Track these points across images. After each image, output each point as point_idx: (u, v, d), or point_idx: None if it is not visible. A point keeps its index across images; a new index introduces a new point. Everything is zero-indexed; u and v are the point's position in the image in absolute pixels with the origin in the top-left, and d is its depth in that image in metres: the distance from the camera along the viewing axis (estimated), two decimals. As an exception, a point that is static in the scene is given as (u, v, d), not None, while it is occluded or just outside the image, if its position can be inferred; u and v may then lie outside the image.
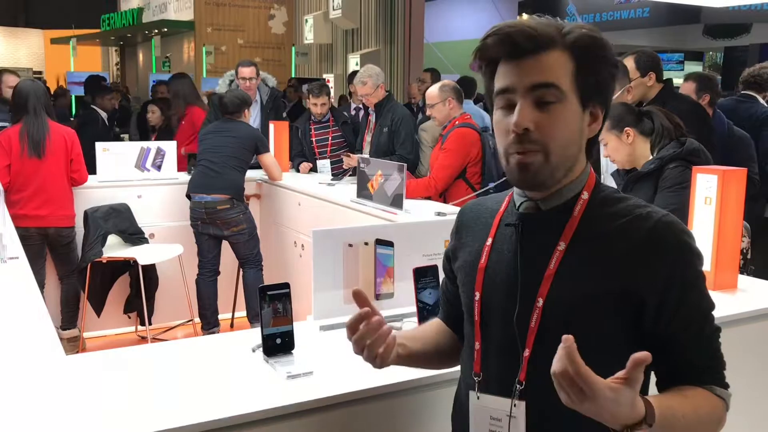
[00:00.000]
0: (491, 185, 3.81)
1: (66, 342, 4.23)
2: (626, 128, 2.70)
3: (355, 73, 6.23)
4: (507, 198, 1.30)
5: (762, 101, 4.53)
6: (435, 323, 1.46)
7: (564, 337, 0.96)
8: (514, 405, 1.18)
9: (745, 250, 2.66)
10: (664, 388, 1.18)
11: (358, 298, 1.19)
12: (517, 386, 1.18)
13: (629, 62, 3.40)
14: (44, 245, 4.17)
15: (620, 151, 2.74)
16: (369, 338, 1.17)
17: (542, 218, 1.20)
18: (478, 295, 1.24)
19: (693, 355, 1.16)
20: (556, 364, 0.96)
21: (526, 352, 1.17)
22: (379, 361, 1.20)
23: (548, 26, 1.15)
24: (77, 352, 4.13)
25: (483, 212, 1.33)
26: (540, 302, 1.16)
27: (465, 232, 1.34)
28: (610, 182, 3.12)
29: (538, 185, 1.17)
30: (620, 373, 0.97)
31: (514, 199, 1.27)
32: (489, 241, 1.26)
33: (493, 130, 1.24)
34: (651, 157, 2.69)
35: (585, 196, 1.19)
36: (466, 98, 4.81)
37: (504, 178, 3.60)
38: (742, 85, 4.58)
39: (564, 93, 1.13)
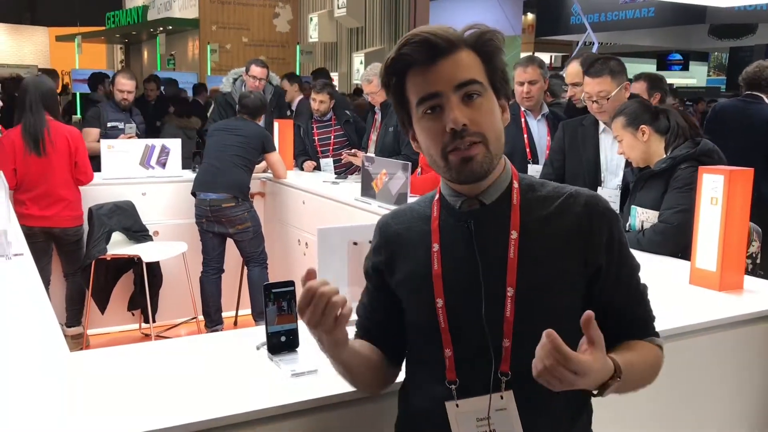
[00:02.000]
0: None
1: (70, 339, 4.23)
2: (642, 126, 2.69)
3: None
4: (435, 202, 1.31)
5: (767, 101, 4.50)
6: (357, 342, 1.37)
7: (546, 332, 1.03)
8: (501, 397, 1.19)
9: (754, 255, 2.63)
10: (610, 345, 1.24)
11: (310, 276, 1.16)
12: (503, 378, 1.19)
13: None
14: (49, 243, 4.17)
15: (635, 149, 2.72)
16: (325, 300, 1.13)
17: (489, 212, 1.24)
18: (441, 301, 1.23)
19: (633, 311, 1.28)
20: (547, 360, 1.03)
21: (507, 343, 1.19)
22: (337, 329, 1.16)
23: (449, 29, 1.20)
24: (81, 349, 4.14)
25: (412, 221, 1.33)
26: (510, 291, 1.19)
27: (396, 244, 1.33)
28: (610, 180, 3.12)
29: (482, 175, 1.21)
30: (584, 340, 1.06)
31: (448, 202, 1.28)
32: (436, 246, 1.26)
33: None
34: (664, 156, 2.68)
35: (516, 185, 1.26)
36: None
37: None
38: (746, 86, 4.53)
39: (484, 87, 1.20)
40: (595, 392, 1.13)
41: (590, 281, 1.24)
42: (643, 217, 2.69)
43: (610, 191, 3.10)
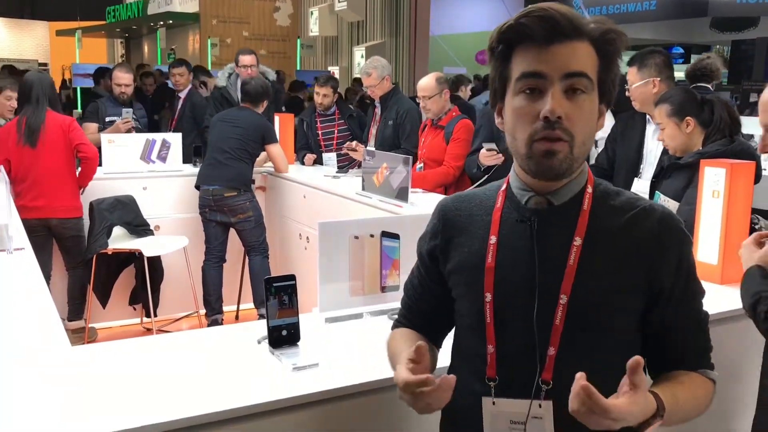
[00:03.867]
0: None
1: (71, 333, 4.24)
2: (687, 117, 2.65)
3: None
4: (500, 193, 1.25)
5: (712, 89, 4.73)
6: (408, 334, 1.35)
7: (577, 376, 1.00)
8: (539, 405, 1.15)
9: None
10: (659, 372, 1.23)
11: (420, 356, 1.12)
12: (543, 386, 1.15)
13: None
14: (49, 237, 4.17)
15: (676, 139, 2.70)
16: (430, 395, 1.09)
17: (555, 213, 1.18)
18: (489, 296, 1.18)
19: (691, 340, 1.23)
20: (578, 405, 1.00)
21: (552, 351, 1.15)
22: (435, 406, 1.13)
23: (576, 13, 1.13)
24: (83, 343, 4.15)
25: (473, 209, 1.27)
26: (564, 299, 1.14)
27: (455, 230, 1.27)
28: (647, 171, 3.13)
29: (559, 175, 1.15)
30: (625, 382, 1.02)
31: (514, 194, 1.22)
32: (493, 239, 1.20)
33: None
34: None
35: (590, 190, 1.20)
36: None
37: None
38: (690, 80, 4.76)
39: (592, 85, 1.13)
40: (634, 427, 1.08)
41: (650, 302, 1.18)
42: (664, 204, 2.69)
43: (645, 183, 3.11)
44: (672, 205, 2.66)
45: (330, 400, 1.47)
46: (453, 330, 1.35)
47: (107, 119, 5.06)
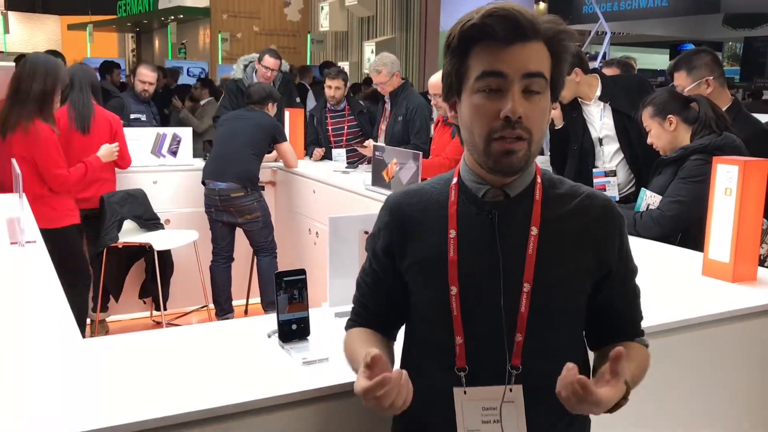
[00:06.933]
0: None
1: (107, 324, 4.32)
2: (669, 116, 2.71)
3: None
4: (452, 186, 1.28)
5: None
6: (364, 335, 1.36)
7: (567, 366, 1.07)
8: (510, 390, 1.20)
9: (763, 257, 2.60)
10: (598, 344, 1.33)
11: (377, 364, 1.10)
12: (513, 371, 1.20)
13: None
14: (82, 228, 4.20)
15: (662, 138, 2.75)
16: (394, 393, 1.09)
17: (512, 205, 1.23)
18: (455, 289, 1.22)
19: (630, 313, 1.33)
20: (564, 390, 1.06)
21: (519, 337, 1.20)
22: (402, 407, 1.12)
23: (535, 15, 1.17)
24: (92, 335, 4.17)
25: (427, 204, 1.29)
26: (527, 287, 1.19)
27: (410, 225, 1.29)
28: (608, 146, 3.17)
29: (518, 171, 1.21)
30: (607, 369, 1.09)
31: (468, 188, 1.25)
32: (452, 233, 1.23)
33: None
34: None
35: (539, 180, 1.26)
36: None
37: None
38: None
39: (547, 84, 1.18)
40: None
41: (598, 283, 1.26)
42: (650, 200, 2.72)
43: (608, 169, 3.12)
44: (657, 200, 2.69)
45: (340, 394, 1.47)
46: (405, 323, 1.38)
47: (132, 116, 5.09)
